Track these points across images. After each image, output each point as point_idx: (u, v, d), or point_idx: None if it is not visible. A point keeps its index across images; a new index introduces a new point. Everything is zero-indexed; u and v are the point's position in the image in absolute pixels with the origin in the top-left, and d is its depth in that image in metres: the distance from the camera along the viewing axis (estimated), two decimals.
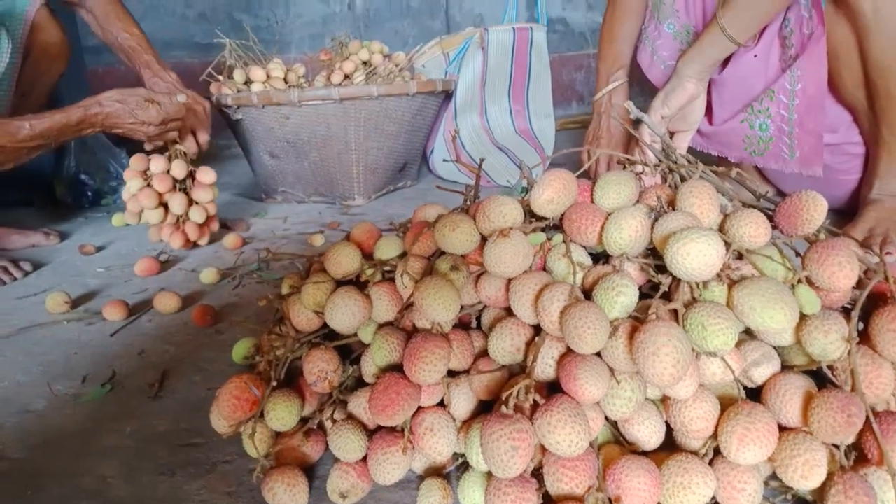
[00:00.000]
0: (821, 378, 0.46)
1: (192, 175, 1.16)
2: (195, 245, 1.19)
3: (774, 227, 0.49)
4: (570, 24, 2.92)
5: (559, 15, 2.89)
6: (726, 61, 1.03)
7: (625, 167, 0.56)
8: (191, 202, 1.15)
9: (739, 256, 0.47)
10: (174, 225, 1.15)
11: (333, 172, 1.50)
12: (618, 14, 1.22)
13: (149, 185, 1.13)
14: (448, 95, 1.67)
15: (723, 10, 0.92)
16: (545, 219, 0.50)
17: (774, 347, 0.47)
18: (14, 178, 1.58)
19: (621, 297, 0.42)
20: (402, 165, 1.63)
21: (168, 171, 1.13)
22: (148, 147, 1.14)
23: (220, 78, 1.44)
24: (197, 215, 1.15)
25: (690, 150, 1.10)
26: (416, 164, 1.73)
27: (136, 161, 1.13)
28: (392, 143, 1.53)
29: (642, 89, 1.28)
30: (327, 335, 0.56)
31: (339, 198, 1.53)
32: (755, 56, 0.99)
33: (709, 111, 1.09)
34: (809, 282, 0.44)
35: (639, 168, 0.54)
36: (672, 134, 1.07)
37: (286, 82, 1.48)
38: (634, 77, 1.27)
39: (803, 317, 0.44)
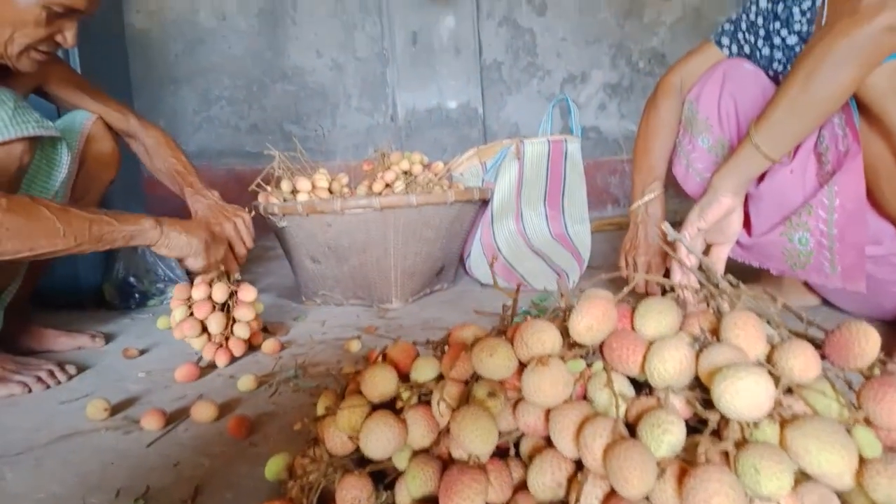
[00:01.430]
0: None
1: (233, 294, 1.17)
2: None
3: (824, 358, 0.47)
4: (603, 132, 3.02)
5: (593, 123, 3.00)
6: (763, 175, 1.04)
7: (664, 291, 0.55)
8: (233, 321, 1.16)
9: (789, 390, 0.45)
10: (217, 344, 1.14)
11: (372, 277, 1.53)
12: (651, 128, 1.27)
13: (192, 314, 1.13)
14: (485, 202, 1.72)
15: (756, 128, 0.94)
16: (584, 345, 0.50)
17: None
18: (65, 282, 1.67)
19: (668, 435, 0.41)
20: (439, 269, 1.65)
21: (209, 297, 1.14)
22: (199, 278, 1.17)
23: (269, 188, 1.52)
24: (241, 331, 1.16)
25: (730, 260, 1.09)
26: (453, 268, 1.75)
27: (180, 290, 1.15)
28: (430, 248, 1.56)
29: (677, 193, 1.30)
30: (361, 458, 0.55)
31: (377, 301, 1.55)
32: (791, 171, 0.99)
33: (747, 223, 1.09)
34: (867, 421, 0.42)
35: (681, 292, 0.54)
36: (710, 246, 1.07)
37: (330, 191, 1.55)
38: (670, 182, 1.29)
39: (863, 459, 0.41)
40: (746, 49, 1.22)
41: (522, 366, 0.49)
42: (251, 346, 1.22)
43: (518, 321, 0.56)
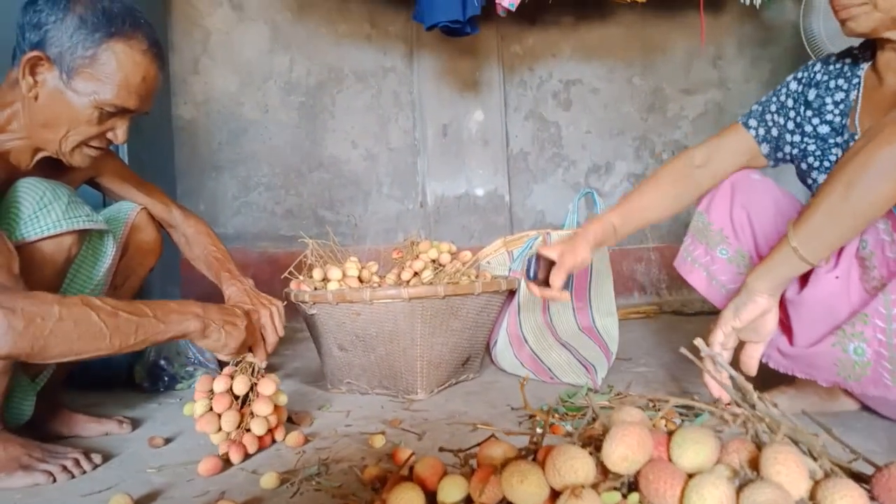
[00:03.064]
0: None
1: (254, 387, 1.16)
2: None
3: (873, 499, 0.45)
4: None
5: None
6: (805, 280, 1.02)
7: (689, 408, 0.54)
8: (252, 415, 1.14)
9: None
10: (232, 439, 1.12)
11: (398, 366, 1.52)
12: (650, 178, 1.27)
13: (211, 408, 1.12)
14: (512, 292, 1.72)
15: (794, 231, 0.92)
16: (619, 475, 0.49)
17: None
18: (96, 361, 1.68)
19: None
20: (465, 359, 1.64)
21: (230, 390, 1.13)
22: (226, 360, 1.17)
23: (300, 276, 1.55)
24: (258, 428, 1.13)
25: (772, 371, 1.06)
26: (479, 358, 1.74)
27: (203, 382, 1.15)
28: (456, 338, 1.55)
29: (684, 285, 1.27)
30: None
31: (402, 391, 1.54)
32: (836, 278, 0.98)
33: (788, 330, 1.06)
34: None
35: (718, 421, 0.53)
36: (742, 343, 1.04)
37: (360, 280, 1.57)
38: (672, 269, 1.27)
39: None
40: (774, 132, 1.21)
41: (554, 493, 0.48)
42: (273, 439, 1.20)
43: (545, 416, 0.55)
